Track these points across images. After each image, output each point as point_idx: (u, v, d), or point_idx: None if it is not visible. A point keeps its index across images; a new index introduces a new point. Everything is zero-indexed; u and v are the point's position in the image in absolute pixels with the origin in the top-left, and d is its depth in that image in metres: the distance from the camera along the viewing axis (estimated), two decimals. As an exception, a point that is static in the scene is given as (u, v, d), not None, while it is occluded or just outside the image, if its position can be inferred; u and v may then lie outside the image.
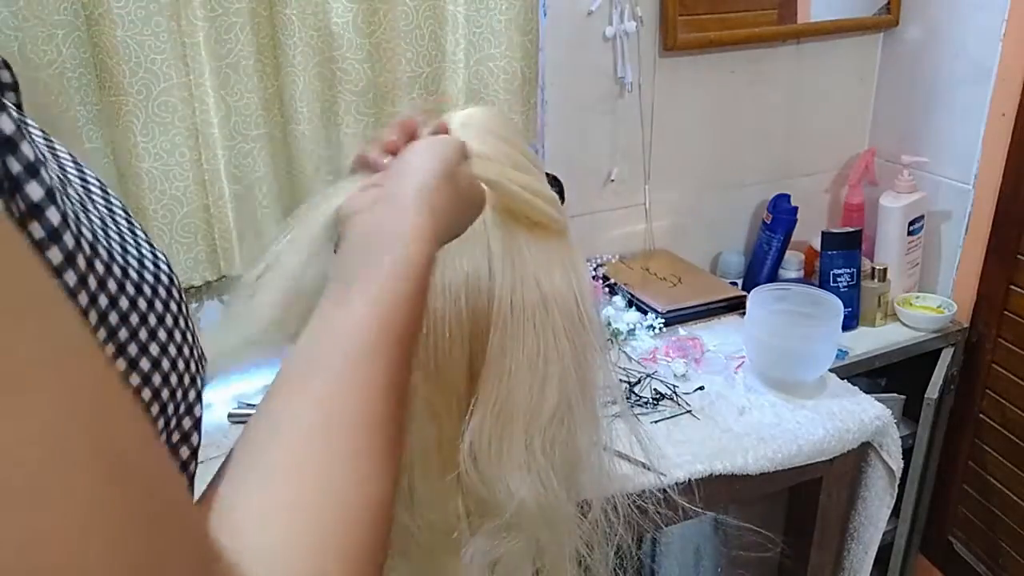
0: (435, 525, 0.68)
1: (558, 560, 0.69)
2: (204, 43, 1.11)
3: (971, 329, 1.64)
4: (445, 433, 0.67)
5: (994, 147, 1.54)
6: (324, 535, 0.36)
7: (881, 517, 1.22)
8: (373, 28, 1.18)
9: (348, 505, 0.38)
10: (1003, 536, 1.67)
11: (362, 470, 0.40)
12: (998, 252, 1.57)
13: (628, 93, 1.54)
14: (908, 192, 1.63)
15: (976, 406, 1.67)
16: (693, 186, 1.69)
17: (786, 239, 1.68)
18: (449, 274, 0.64)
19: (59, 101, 1.08)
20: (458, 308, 0.64)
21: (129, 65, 1.07)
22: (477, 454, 0.65)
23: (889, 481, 1.20)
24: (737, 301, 1.48)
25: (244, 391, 1.23)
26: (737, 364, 1.30)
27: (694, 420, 1.17)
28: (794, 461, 1.10)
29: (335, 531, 0.37)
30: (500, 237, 0.65)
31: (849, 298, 1.56)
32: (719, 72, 1.61)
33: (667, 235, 1.69)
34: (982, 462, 1.69)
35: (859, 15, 1.67)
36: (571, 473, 0.70)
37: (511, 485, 0.64)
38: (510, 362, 0.65)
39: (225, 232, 1.22)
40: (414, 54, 1.23)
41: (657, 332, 1.40)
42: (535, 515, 0.65)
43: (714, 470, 1.06)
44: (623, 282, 1.53)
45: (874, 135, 1.80)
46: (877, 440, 1.18)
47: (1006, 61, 1.49)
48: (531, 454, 0.65)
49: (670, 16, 1.48)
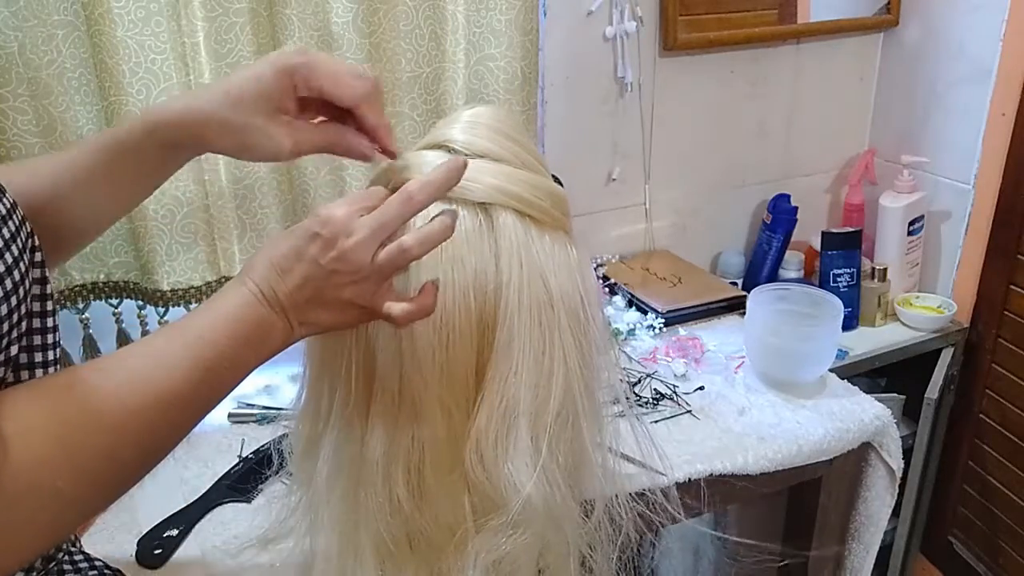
0: (441, 520, 0.68)
1: (562, 559, 0.69)
2: (204, 43, 1.11)
3: (971, 329, 1.64)
4: (454, 428, 0.67)
5: (994, 147, 1.54)
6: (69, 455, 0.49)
7: (882, 517, 1.22)
8: (373, 28, 1.18)
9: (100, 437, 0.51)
10: (1003, 536, 1.67)
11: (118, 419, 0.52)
12: (998, 252, 1.57)
13: (628, 93, 1.54)
14: (908, 192, 1.63)
15: (976, 406, 1.67)
16: (693, 186, 1.69)
17: (786, 239, 1.68)
18: (457, 272, 0.64)
19: (59, 101, 1.08)
20: (466, 305, 0.65)
21: (129, 65, 1.07)
22: (483, 451, 0.66)
23: (890, 481, 1.20)
24: (737, 301, 1.48)
25: (244, 391, 1.23)
26: (737, 364, 1.30)
27: (694, 420, 1.17)
28: (794, 461, 1.10)
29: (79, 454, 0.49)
30: (507, 236, 0.66)
31: (849, 298, 1.56)
32: (719, 72, 1.61)
33: (667, 235, 1.69)
34: (982, 462, 1.69)
35: (859, 15, 1.67)
36: (576, 471, 0.70)
37: (517, 482, 0.64)
38: (516, 360, 0.65)
39: (225, 232, 1.22)
40: (414, 54, 1.22)
41: (657, 332, 1.40)
42: (540, 513, 0.65)
43: (714, 470, 1.06)
44: (623, 282, 1.53)
45: (874, 135, 1.80)
46: (877, 440, 1.18)
47: (1006, 61, 1.49)
48: (536, 452, 0.65)
49: (670, 16, 1.48)
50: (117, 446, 0.52)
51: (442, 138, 0.68)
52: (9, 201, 0.52)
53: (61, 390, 0.51)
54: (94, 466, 0.50)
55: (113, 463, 0.52)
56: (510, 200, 0.66)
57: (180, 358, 0.55)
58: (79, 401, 0.51)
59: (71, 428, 0.49)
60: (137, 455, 0.54)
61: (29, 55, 1.04)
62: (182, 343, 0.56)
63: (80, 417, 0.50)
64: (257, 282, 0.59)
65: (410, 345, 0.65)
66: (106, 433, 0.51)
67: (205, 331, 0.57)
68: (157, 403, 0.53)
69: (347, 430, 0.70)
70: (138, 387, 0.53)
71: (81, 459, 0.49)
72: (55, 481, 0.48)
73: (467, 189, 0.65)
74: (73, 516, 0.51)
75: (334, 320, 0.62)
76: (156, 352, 0.55)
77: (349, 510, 0.70)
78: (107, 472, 0.52)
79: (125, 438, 0.52)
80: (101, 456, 0.51)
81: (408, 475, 0.67)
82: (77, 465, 0.49)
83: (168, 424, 0.55)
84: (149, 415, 0.53)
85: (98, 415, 0.51)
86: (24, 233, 0.53)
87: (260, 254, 0.61)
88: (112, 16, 1.04)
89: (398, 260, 0.60)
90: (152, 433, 0.54)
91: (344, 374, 0.68)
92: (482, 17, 1.23)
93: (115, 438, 0.52)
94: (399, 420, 0.67)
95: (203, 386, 0.56)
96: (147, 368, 0.54)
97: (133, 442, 0.53)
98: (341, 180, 1.24)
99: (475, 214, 0.66)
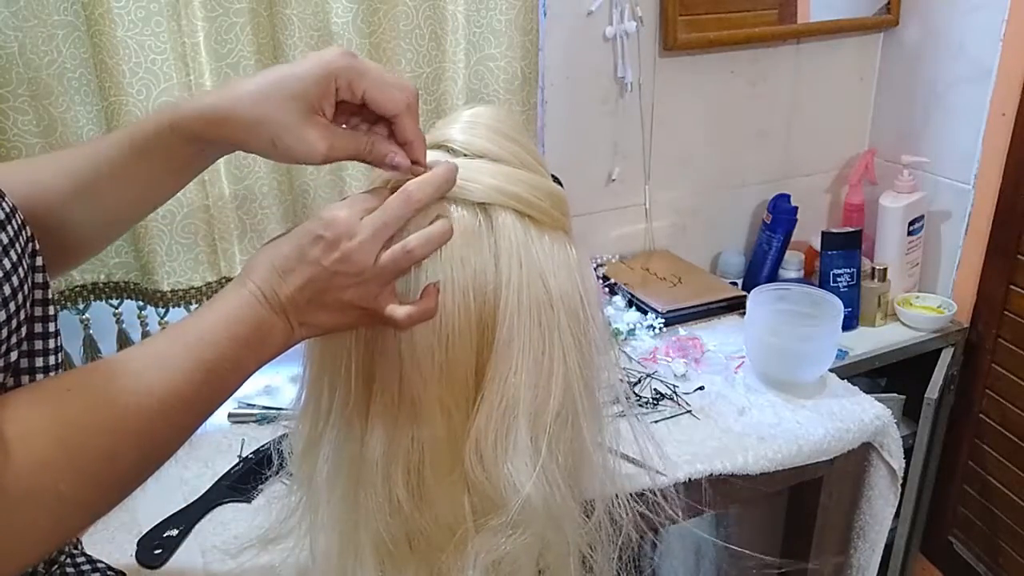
0: (441, 520, 0.68)
1: (562, 559, 0.69)
2: (204, 43, 1.11)
3: (971, 329, 1.64)
4: (454, 428, 0.67)
5: (994, 147, 1.54)
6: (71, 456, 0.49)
7: (886, 516, 1.22)
8: (373, 28, 1.18)
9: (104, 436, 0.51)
10: (1003, 536, 1.67)
11: (120, 418, 0.52)
12: (998, 252, 1.57)
13: (628, 93, 1.54)
14: (908, 192, 1.63)
15: (976, 406, 1.67)
16: (693, 186, 1.69)
17: (786, 239, 1.68)
18: (456, 272, 0.64)
19: (59, 101, 1.08)
20: (465, 305, 0.65)
21: (129, 65, 1.07)
22: (482, 451, 0.66)
23: (892, 480, 1.20)
24: (737, 301, 1.48)
25: (244, 392, 1.23)
26: (737, 364, 1.30)
27: (694, 420, 1.17)
28: (794, 461, 1.10)
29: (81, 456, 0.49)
30: (506, 236, 0.65)
31: (849, 298, 1.56)
32: (719, 72, 1.61)
33: (667, 235, 1.69)
34: (982, 462, 1.69)
35: (859, 15, 1.67)
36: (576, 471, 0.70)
37: (516, 482, 0.64)
38: (516, 360, 0.65)
39: (225, 232, 1.22)
40: (414, 54, 1.22)
41: (657, 332, 1.40)
42: (540, 513, 0.65)
43: (714, 470, 1.06)
44: (623, 282, 1.53)
45: (874, 135, 1.80)
46: (877, 440, 1.18)
47: (1006, 61, 1.49)
48: (536, 452, 0.65)
49: (670, 16, 1.48)
50: (119, 448, 0.52)
51: (441, 138, 0.68)
52: (8, 205, 0.51)
53: (62, 393, 0.51)
54: (96, 468, 0.50)
55: (115, 465, 0.52)
56: (509, 200, 0.66)
57: (182, 359, 0.55)
58: (80, 403, 0.51)
59: (73, 430, 0.49)
60: (140, 457, 0.54)
61: (29, 55, 1.04)
62: (183, 345, 0.56)
63: (82, 419, 0.50)
64: (258, 284, 0.59)
65: (409, 345, 0.65)
66: (108, 435, 0.51)
67: (206, 332, 0.57)
68: (159, 405, 0.53)
69: (347, 430, 0.70)
70: (140, 389, 0.53)
71: (83, 461, 0.49)
72: (57, 484, 0.48)
73: (466, 189, 0.65)
74: (75, 519, 0.51)
75: (335, 322, 0.62)
76: (157, 354, 0.55)
77: (349, 510, 0.70)
78: (109, 474, 0.52)
79: (127, 440, 0.52)
80: (103, 458, 0.51)
81: (408, 475, 0.67)
82: (79, 467, 0.49)
83: (170, 426, 0.55)
84: (151, 417, 0.53)
85: (100, 417, 0.51)
86: (24, 237, 0.53)
87: (260, 256, 0.61)
88: (112, 16, 1.04)
89: (402, 262, 0.60)
90: (154, 435, 0.54)
91: (344, 374, 0.68)
92: (482, 17, 1.23)
93: (117, 440, 0.51)
94: (399, 420, 0.67)
95: (205, 387, 0.56)
96: (149, 370, 0.54)
97: (135, 444, 0.53)
98: (341, 180, 1.24)
99: (474, 214, 0.65)
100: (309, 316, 0.60)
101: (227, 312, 0.58)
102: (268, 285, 0.59)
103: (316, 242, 0.58)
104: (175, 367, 0.54)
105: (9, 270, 0.49)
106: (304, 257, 0.59)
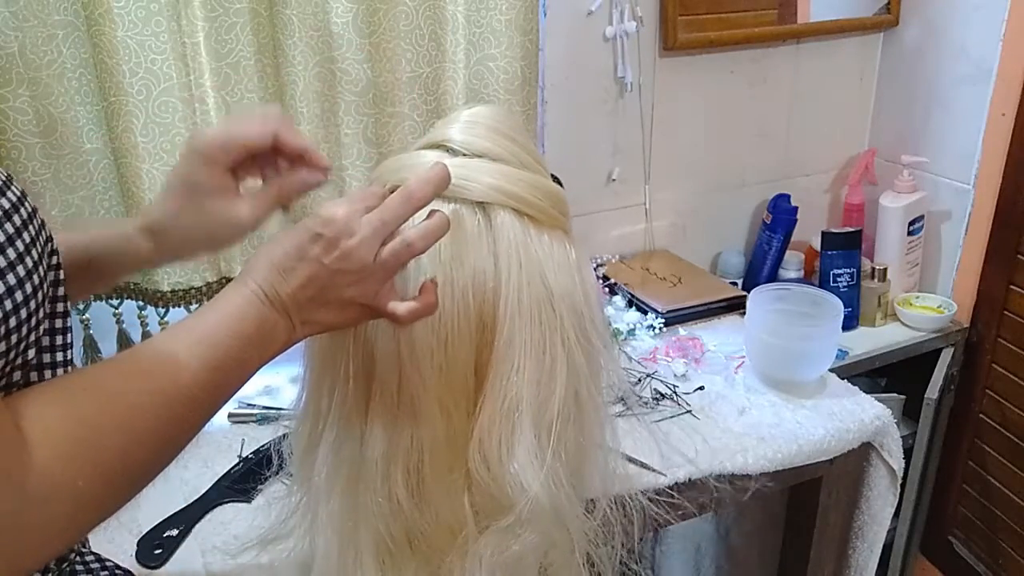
0: (441, 520, 0.68)
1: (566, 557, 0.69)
2: (204, 43, 1.11)
3: (971, 329, 1.64)
4: (453, 428, 0.67)
5: (994, 147, 1.54)
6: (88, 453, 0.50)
7: (885, 516, 1.22)
8: (373, 28, 1.18)
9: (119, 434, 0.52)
10: (1003, 536, 1.67)
11: (129, 415, 0.53)
12: (998, 252, 1.57)
13: (628, 93, 1.54)
14: (908, 192, 1.63)
15: (976, 406, 1.67)
16: (693, 186, 1.69)
17: (786, 239, 1.68)
18: (455, 271, 0.64)
19: (59, 101, 1.08)
20: (465, 305, 0.65)
21: (129, 65, 1.07)
22: (486, 451, 0.66)
23: (891, 481, 1.20)
24: (737, 301, 1.48)
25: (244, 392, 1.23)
26: (737, 364, 1.30)
27: (694, 420, 1.16)
28: (794, 461, 1.10)
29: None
30: (505, 235, 0.65)
31: (849, 298, 1.57)
32: (719, 72, 1.61)
33: (667, 235, 1.69)
34: (982, 462, 1.69)
35: (859, 15, 1.67)
36: (579, 470, 0.70)
37: (523, 482, 0.64)
38: (517, 359, 0.65)
39: (225, 232, 1.22)
40: (414, 54, 1.22)
41: (657, 332, 1.40)
42: (547, 512, 0.65)
43: (714, 470, 1.06)
44: (623, 282, 1.53)
45: (874, 135, 1.80)
46: (877, 440, 1.18)
47: (1006, 61, 1.49)
48: (541, 451, 0.65)
49: (670, 16, 1.48)
50: (131, 446, 0.53)
51: (441, 138, 0.68)
52: (29, 207, 0.52)
53: (78, 392, 0.52)
54: (111, 466, 0.51)
55: (128, 463, 0.53)
56: (508, 199, 0.66)
57: (187, 358, 0.55)
58: (96, 402, 0.52)
59: (89, 429, 0.50)
60: (150, 455, 0.55)
61: (29, 55, 1.04)
62: (187, 344, 0.56)
63: (98, 418, 0.51)
64: (259, 283, 0.59)
65: (409, 345, 0.65)
66: (122, 434, 0.52)
67: (210, 332, 0.57)
68: (167, 403, 0.54)
69: (347, 430, 0.70)
70: (150, 388, 0.54)
71: (100, 459, 0.50)
72: (76, 481, 0.49)
73: (466, 188, 0.65)
74: (90, 517, 0.52)
75: (336, 319, 0.62)
76: (164, 353, 0.56)
77: (349, 510, 0.70)
78: (123, 472, 0.53)
79: (139, 438, 0.53)
80: (117, 457, 0.52)
81: (407, 475, 0.67)
82: (96, 465, 0.50)
83: (179, 424, 0.56)
84: (161, 415, 0.54)
85: (114, 416, 0.52)
86: (43, 237, 0.54)
87: (260, 255, 0.61)
88: (112, 16, 1.04)
89: (402, 256, 0.60)
90: (164, 433, 0.55)
91: (343, 374, 0.68)
92: (482, 17, 1.23)
93: (130, 439, 0.53)
94: (398, 420, 0.67)
95: (211, 386, 0.57)
96: (156, 369, 0.55)
97: (146, 442, 0.54)
98: (340, 180, 1.24)
99: (473, 213, 0.66)
100: (311, 314, 0.61)
101: (230, 311, 0.58)
102: (269, 284, 0.59)
103: (316, 240, 0.59)
104: (182, 366, 0.55)
105: (31, 268, 0.51)
106: (304, 255, 0.59)
